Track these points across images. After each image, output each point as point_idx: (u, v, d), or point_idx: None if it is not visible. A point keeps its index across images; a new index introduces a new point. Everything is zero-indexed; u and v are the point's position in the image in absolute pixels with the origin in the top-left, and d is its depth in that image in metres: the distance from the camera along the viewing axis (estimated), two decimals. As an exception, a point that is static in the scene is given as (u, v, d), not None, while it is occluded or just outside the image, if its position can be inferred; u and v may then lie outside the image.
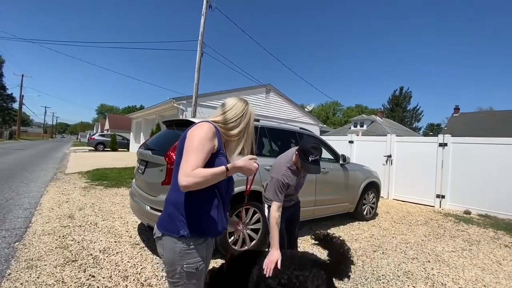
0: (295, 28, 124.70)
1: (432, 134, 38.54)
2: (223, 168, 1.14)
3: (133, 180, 3.64)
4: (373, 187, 5.06)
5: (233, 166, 1.18)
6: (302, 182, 2.29)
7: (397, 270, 2.94)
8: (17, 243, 2.95)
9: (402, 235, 4.19)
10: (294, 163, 2.11)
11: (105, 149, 20.21)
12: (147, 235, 3.42)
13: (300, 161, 2.04)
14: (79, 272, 2.45)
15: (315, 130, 15.49)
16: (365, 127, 27.76)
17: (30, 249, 2.84)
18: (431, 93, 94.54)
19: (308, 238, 3.71)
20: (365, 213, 4.88)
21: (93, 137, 21.96)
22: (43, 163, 10.37)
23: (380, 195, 5.43)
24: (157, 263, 2.71)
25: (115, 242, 3.19)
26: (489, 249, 3.79)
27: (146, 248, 3.08)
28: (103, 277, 2.39)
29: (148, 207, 2.80)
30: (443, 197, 6.40)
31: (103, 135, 22.62)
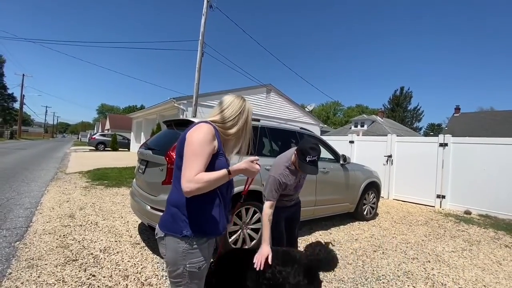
0: (295, 28, 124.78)
1: (432, 134, 38.49)
2: (225, 171, 1.16)
3: (134, 179, 3.65)
4: (374, 187, 5.05)
5: (235, 169, 1.20)
6: (302, 182, 2.29)
7: (397, 270, 2.94)
8: (18, 243, 2.96)
9: (402, 235, 4.19)
10: (292, 162, 2.11)
11: (106, 149, 20.22)
12: (148, 235, 3.43)
13: (297, 160, 2.04)
14: (79, 271, 2.46)
15: (315, 130, 15.49)
16: (365, 127, 27.73)
17: (30, 248, 2.85)
18: (432, 93, 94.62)
19: (308, 238, 3.72)
20: (365, 213, 4.88)
21: (93, 136, 21.97)
22: (44, 162, 10.39)
23: (380, 195, 5.44)
24: (157, 263, 2.72)
25: (116, 241, 3.20)
26: (489, 249, 3.79)
27: (146, 247, 3.09)
28: (104, 277, 2.40)
29: (148, 207, 2.80)
30: (444, 197, 6.39)
31: (103, 135, 22.63)
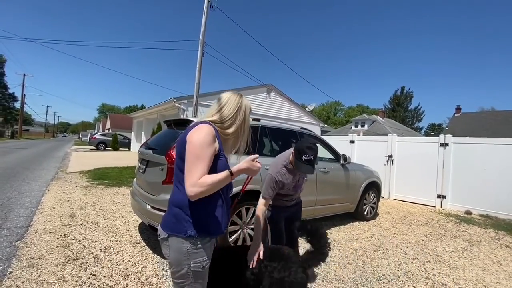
0: (295, 28, 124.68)
1: (433, 134, 38.44)
2: (228, 173, 1.18)
3: (134, 179, 3.65)
4: (374, 187, 5.05)
5: (237, 169, 1.22)
6: (301, 182, 2.27)
7: (398, 270, 2.93)
8: (19, 242, 2.97)
9: (402, 235, 4.18)
10: (290, 162, 2.11)
11: (106, 149, 20.24)
12: (148, 234, 3.43)
13: (294, 160, 2.04)
14: (80, 270, 2.46)
15: (316, 130, 15.48)
16: (366, 127, 27.71)
17: (31, 247, 2.86)
18: (433, 93, 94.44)
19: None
20: (365, 213, 4.88)
21: (94, 136, 22.00)
22: (45, 162, 10.41)
23: (380, 195, 5.43)
24: (158, 262, 2.72)
25: (116, 241, 3.20)
26: (490, 249, 3.78)
27: (146, 247, 3.09)
28: (104, 276, 2.40)
29: (149, 206, 2.81)
30: (444, 197, 6.38)
31: (104, 135, 22.65)
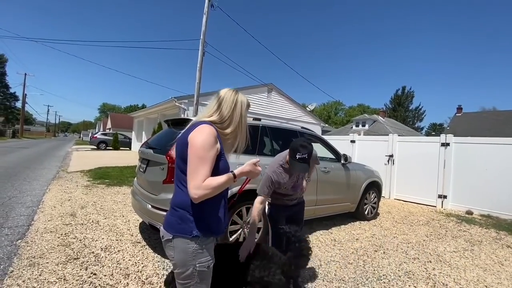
0: (296, 28, 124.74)
1: (434, 134, 38.37)
2: (231, 175, 1.19)
3: (135, 178, 3.65)
4: (375, 187, 5.04)
5: (240, 172, 1.24)
6: (300, 182, 2.26)
7: (398, 270, 2.93)
8: (20, 241, 2.98)
9: (403, 235, 4.17)
10: (287, 161, 2.11)
11: (107, 148, 20.26)
12: (149, 234, 3.43)
13: (289, 158, 2.03)
14: (80, 270, 2.47)
15: (317, 129, 15.47)
16: (367, 126, 27.67)
17: (32, 246, 2.86)
18: (434, 93, 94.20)
19: (308, 237, 3.71)
20: (366, 212, 4.87)
21: (95, 136, 22.03)
22: (46, 161, 10.44)
23: (381, 195, 5.42)
24: (158, 262, 2.72)
25: (117, 240, 3.20)
26: (491, 249, 3.77)
27: (147, 246, 3.10)
28: (105, 275, 2.40)
29: (149, 206, 2.81)
30: (445, 197, 6.37)
31: (105, 134, 22.68)
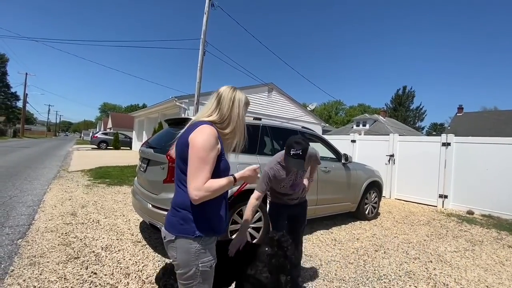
0: (296, 28, 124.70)
1: (435, 133, 38.30)
2: (232, 179, 1.21)
3: (135, 178, 3.66)
4: (375, 187, 5.03)
5: (240, 176, 1.26)
6: (299, 181, 2.25)
7: (399, 270, 2.92)
8: (20, 240, 2.98)
9: (404, 234, 4.17)
10: (284, 159, 2.12)
11: (108, 148, 20.28)
12: (149, 233, 3.44)
13: (284, 155, 2.04)
14: (81, 269, 2.47)
15: (317, 129, 15.46)
16: (367, 126, 27.62)
17: (33, 246, 2.87)
18: (435, 93, 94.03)
19: (309, 237, 3.71)
20: (367, 212, 4.86)
21: (96, 135, 22.04)
22: (47, 161, 10.45)
23: (382, 195, 5.42)
24: (159, 261, 2.72)
25: (117, 239, 3.21)
26: (492, 249, 3.76)
27: (147, 245, 3.10)
28: (105, 274, 2.41)
29: (150, 205, 2.81)
30: (446, 197, 6.36)
31: (106, 134, 22.68)
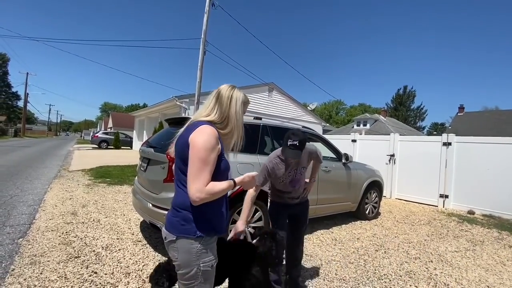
0: (296, 27, 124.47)
1: (436, 133, 38.22)
2: (232, 183, 1.23)
3: (136, 177, 3.66)
4: (376, 186, 5.03)
5: (240, 181, 1.27)
6: (299, 177, 2.24)
7: (399, 269, 2.92)
8: (21, 239, 2.98)
9: (404, 234, 4.16)
10: (281, 150, 2.14)
11: (108, 147, 20.30)
12: (149, 232, 3.44)
13: (282, 147, 2.06)
14: (81, 268, 2.47)
15: (318, 128, 15.44)
16: (368, 126, 27.58)
17: (33, 245, 2.87)
18: (436, 92, 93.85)
19: (309, 236, 3.71)
20: (367, 212, 4.86)
21: (96, 135, 22.06)
22: (47, 160, 10.47)
23: (382, 195, 5.41)
24: (159, 260, 2.72)
25: (118, 239, 3.21)
26: (493, 249, 3.76)
27: (148, 245, 3.10)
28: (105, 274, 2.41)
29: (150, 205, 2.81)
30: (447, 197, 6.35)
31: (106, 133, 22.70)
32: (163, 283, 1.66)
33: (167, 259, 1.93)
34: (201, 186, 1.11)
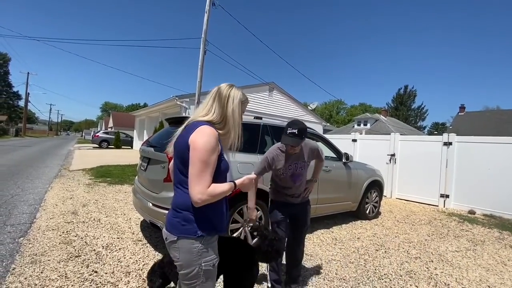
0: (296, 27, 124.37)
1: (437, 133, 38.17)
2: (232, 185, 1.24)
3: (136, 177, 3.66)
4: (376, 186, 5.02)
5: (240, 183, 1.29)
6: (299, 172, 2.24)
7: (400, 269, 2.91)
8: (22, 238, 2.99)
9: (405, 234, 4.15)
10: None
11: (109, 147, 20.33)
12: (150, 232, 3.44)
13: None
14: (82, 267, 2.48)
15: (318, 128, 15.43)
16: (368, 125, 27.54)
17: (34, 244, 2.88)
18: (436, 92, 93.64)
19: (309, 236, 3.70)
20: (367, 212, 4.85)
21: (97, 134, 22.11)
22: (48, 160, 10.49)
23: (383, 194, 5.40)
24: (159, 260, 2.73)
25: (118, 238, 3.21)
26: (494, 249, 3.75)
27: (148, 244, 3.10)
28: (106, 273, 2.41)
29: (150, 204, 2.81)
30: (447, 196, 6.33)
31: (107, 133, 22.73)
32: (156, 281, 1.73)
33: (161, 258, 1.96)
34: (204, 188, 1.12)
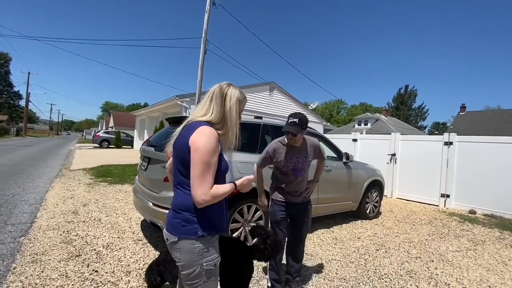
0: (296, 27, 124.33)
1: (437, 132, 38.11)
2: (233, 186, 1.26)
3: (136, 176, 3.66)
4: (377, 186, 5.02)
5: (240, 184, 1.29)
6: (301, 166, 2.25)
7: (400, 269, 2.91)
8: (22, 238, 3.00)
9: (405, 234, 4.15)
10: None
11: (110, 146, 20.36)
12: (150, 231, 3.44)
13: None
14: (82, 267, 2.48)
15: (318, 128, 15.41)
16: (369, 125, 27.51)
17: (35, 243, 2.88)
18: (437, 92, 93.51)
19: (310, 236, 3.70)
20: (368, 211, 4.85)
21: (97, 134, 22.14)
22: (49, 159, 10.51)
23: (383, 194, 5.39)
24: (160, 259, 2.73)
25: (118, 237, 3.22)
26: (494, 249, 3.74)
27: (148, 244, 3.10)
28: (106, 272, 2.41)
29: (150, 204, 2.81)
30: (448, 196, 6.33)
31: (107, 132, 22.79)
32: (155, 278, 1.76)
33: (157, 256, 1.98)
34: (206, 189, 1.12)
